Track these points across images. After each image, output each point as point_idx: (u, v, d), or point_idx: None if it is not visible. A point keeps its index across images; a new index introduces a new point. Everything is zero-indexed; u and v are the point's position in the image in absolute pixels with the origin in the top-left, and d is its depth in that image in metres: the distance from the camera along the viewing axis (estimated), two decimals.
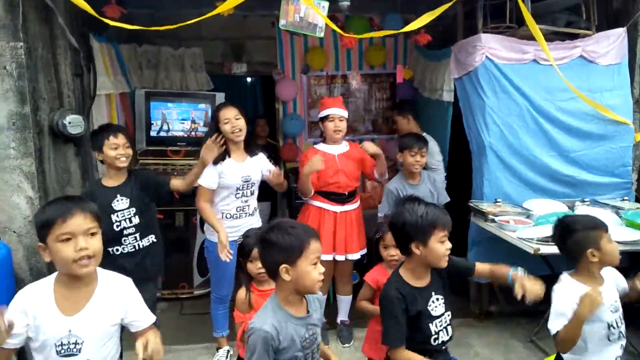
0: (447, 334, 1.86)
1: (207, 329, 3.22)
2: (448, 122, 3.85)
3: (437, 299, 1.83)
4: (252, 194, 3.02)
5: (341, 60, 4.85)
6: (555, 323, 1.88)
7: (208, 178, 2.86)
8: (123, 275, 1.69)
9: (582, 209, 3.18)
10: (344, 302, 3.47)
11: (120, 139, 2.65)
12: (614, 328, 1.92)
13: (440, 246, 1.75)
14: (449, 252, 1.78)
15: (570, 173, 3.38)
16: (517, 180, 3.38)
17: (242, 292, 2.15)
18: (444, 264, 1.78)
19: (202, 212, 2.91)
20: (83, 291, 1.57)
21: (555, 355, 2.05)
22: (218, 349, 3.14)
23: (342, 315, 3.46)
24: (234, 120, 2.88)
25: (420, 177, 3.25)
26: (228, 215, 2.97)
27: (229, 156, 2.92)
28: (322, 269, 1.61)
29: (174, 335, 3.40)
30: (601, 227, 1.95)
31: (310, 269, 1.57)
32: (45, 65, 3.01)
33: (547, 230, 2.86)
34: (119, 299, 1.60)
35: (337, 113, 3.23)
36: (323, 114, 3.29)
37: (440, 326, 1.83)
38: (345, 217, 3.29)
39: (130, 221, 2.68)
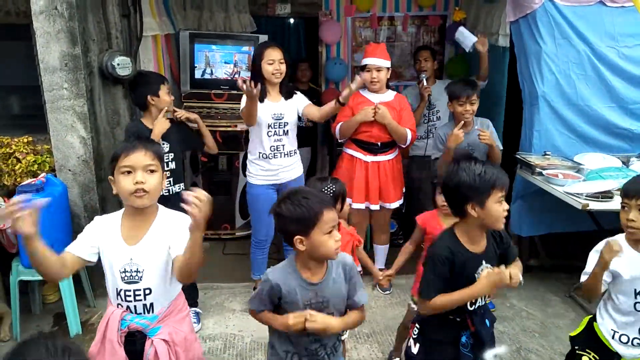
0: (486, 298, 1.82)
1: (247, 269, 3.37)
2: (504, 69, 3.66)
3: (487, 267, 1.76)
4: (285, 133, 3.02)
5: (389, 1, 4.63)
6: (584, 276, 1.92)
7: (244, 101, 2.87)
8: (183, 214, 1.74)
9: (637, 165, 3.02)
10: (381, 251, 3.52)
11: (169, 87, 2.81)
12: None
13: (498, 207, 1.66)
14: (506, 213, 1.69)
15: (628, 126, 3.19)
16: (570, 132, 3.22)
17: None
18: (500, 225, 1.70)
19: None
20: (143, 223, 1.68)
21: (589, 317, 2.03)
22: (255, 289, 3.28)
23: (380, 264, 3.52)
24: (277, 63, 2.89)
25: (472, 124, 3.08)
26: (264, 156, 3.01)
27: (265, 97, 2.94)
28: (338, 236, 1.59)
29: (216, 273, 3.57)
30: None
31: (325, 238, 1.56)
32: (94, 5, 3.03)
33: (598, 185, 2.76)
34: (170, 230, 1.67)
35: (374, 63, 3.14)
36: (363, 62, 3.23)
37: None
38: (378, 167, 3.27)
39: (167, 165, 2.78)
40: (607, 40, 3.10)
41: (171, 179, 2.82)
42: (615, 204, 2.69)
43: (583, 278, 1.93)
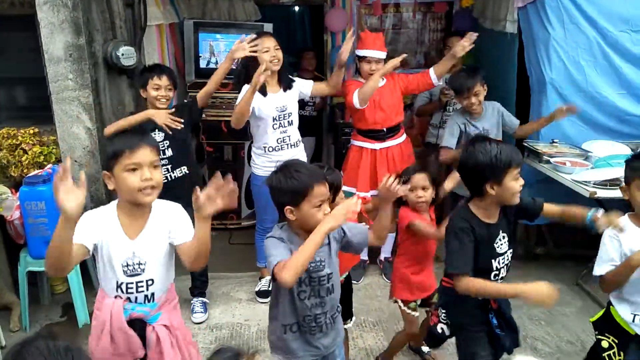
0: (506, 271, 1.88)
1: (253, 258, 3.37)
2: (513, 56, 3.59)
3: (504, 237, 1.83)
4: (290, 124, 3.01)
5: None
6: (603, 267, 1.88)
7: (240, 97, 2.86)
8: (173, 202, 1.80)
9: None
10: (388, 239, 3.50)
11: (164, 81, 2.74)
12: None
13: (514, 183, 1.72)
14: (521, 188, 1.75)
15: (638, 113, 3.13)
16: (579, 120, 3.18)
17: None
18: (517, 199, 1.76)
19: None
20: (141, 217, 1.70)
21: (604, 310, 2.01)
22: (261, 278, 3.30)
23: (385, 252, 3.52)
24: (273, 50, 2.88)
25: (483, 111, 3.04)
26: (270, 149, 3.00)
27: (266, 89, 2.91)
28: (328, 210, 1.64)
29: (223, 263, 3.58)
30: None
31: (314, 211, 1.62)
32: None
33: (606, 173, 2.73)
34: (168, 220, 1.72)
35: (374, 56, 3.10)
36: (360, 53, 3.16)
37: (502, 263, 1.85)
38: (387, 153, 3.24)
39: (164, 153, 2.79)
40: (620, 24, 3.03)
41: (169, 166, 2.82)
42: None
43: (600, 269, 1.88)
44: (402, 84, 3.22)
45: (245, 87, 2.83)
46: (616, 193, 2.65)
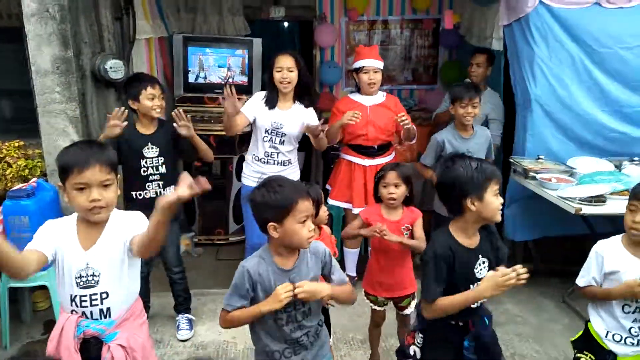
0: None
1: None
2: (500, 72, 3.66)
3: (484, 262, 1.78)
4: (281, 143, 3.01)
5: (383, 4, 4.64)
6: (582, 280, 1.97)
7: (247, 106, 2.95)
8: (135, 211, 1.74)
9: (630, 169, 3.03)
10: (351, 255, 3.47)
11: (157, 90, 2.72)
12: (631, 301, 1.89)
13: (495, 199, 1.70)
14: (501, 206, 1.73)
15: (623, 130, 3.18)
16: (564, 136, 3.23)
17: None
18: (498, 217, 1.73)
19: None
20: (97, 226, 1.64)
21: (583, 330, 2.06)
22: None
23: (350, 270, 3.45)
24: (286, 72, 2.90)
25: (473, 131, 3.09)
26: (256, 158, 3.04)
27: (276, 105, 2.98)
28: (312, 226, 1.61)
29: (210, 279, 3.54)
30: None
31: (298, 227, 1.57)
32: (87, 8, 3.01)
33: (591, 189, 2.77)
34: (125, 230, 1.65)
35: (371, 65, 3.14)
36: (357, 64, 3.20)
37: None
38: (376, 170, 3.25)
39: (157, 169, 2.76)
40: (606, 41, 3.07)
41: (160, 182, 2.78)
42: (608, 207, 2.70)
43: (580, 281, 1.97)
44: (394, 110, 3.22)
45: (257, 94, 2.96)
46: (601, 209, 2.69)
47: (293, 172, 3.11)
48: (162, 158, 2.77)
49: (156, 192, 2.78)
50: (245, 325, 1.71)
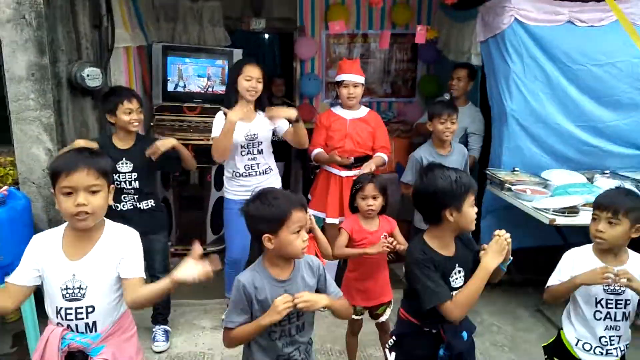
0: None
1: (219, 285, 3.26)
2: (477, 87, 3.74)
3: (459, 271, 1.79)
4: (260, 152, 2.99)
5: (362, 18, 4.71)
6: (552, 280, 2.01)
7: (218, 129, 2.84)
8: (131, 228, 1.72)
9: (601, 181, 3.12)
10: (330, 265, 3.46)
11: (134, 104, 2.69)
12: (602, 307, 1.94)
13: (471, 210, 1.72)
14: (475, 215, 1.75)
15: (596, 144, 3.28)
16: (539, 149, 3.31)
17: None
18: (473, 227, 1.75)
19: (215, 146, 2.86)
20: (88, 238, 1.61)
21: (555, 336, 2.11)
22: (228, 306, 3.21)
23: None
24: (255, 81, 2.87)
25: (451, 147, 3.11)
26: (237, 174, 2.99)
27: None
28: (306, 236, 1.63)
29: (186, 289, 3.39)
30: None
31: (293, 237, 1.60)
32: (64, 15, 2.97)
33: (565, 201, 2.84)
34: (119, 247, 1.63)
35: (351, 79, 3.17)
36: (338, 78, 3.25)
37: None
38: (352, 181, 3.27)
39: (130, 184, 2.74)
40: (578, 58, 3.16)
41: (135, 197, 2.76)
42: (580, 218, 2.77)
43: (550, 281, 2.02)
44: (374, 126, 3.26)
45: (220, 115, 2.85)
46: (574, 220, 2.76)
47: (276, 180, 3.10)
48: (136, 174, 2.74)
49: (132, 204, 2.76)
50: (248, 342, 1.70)
